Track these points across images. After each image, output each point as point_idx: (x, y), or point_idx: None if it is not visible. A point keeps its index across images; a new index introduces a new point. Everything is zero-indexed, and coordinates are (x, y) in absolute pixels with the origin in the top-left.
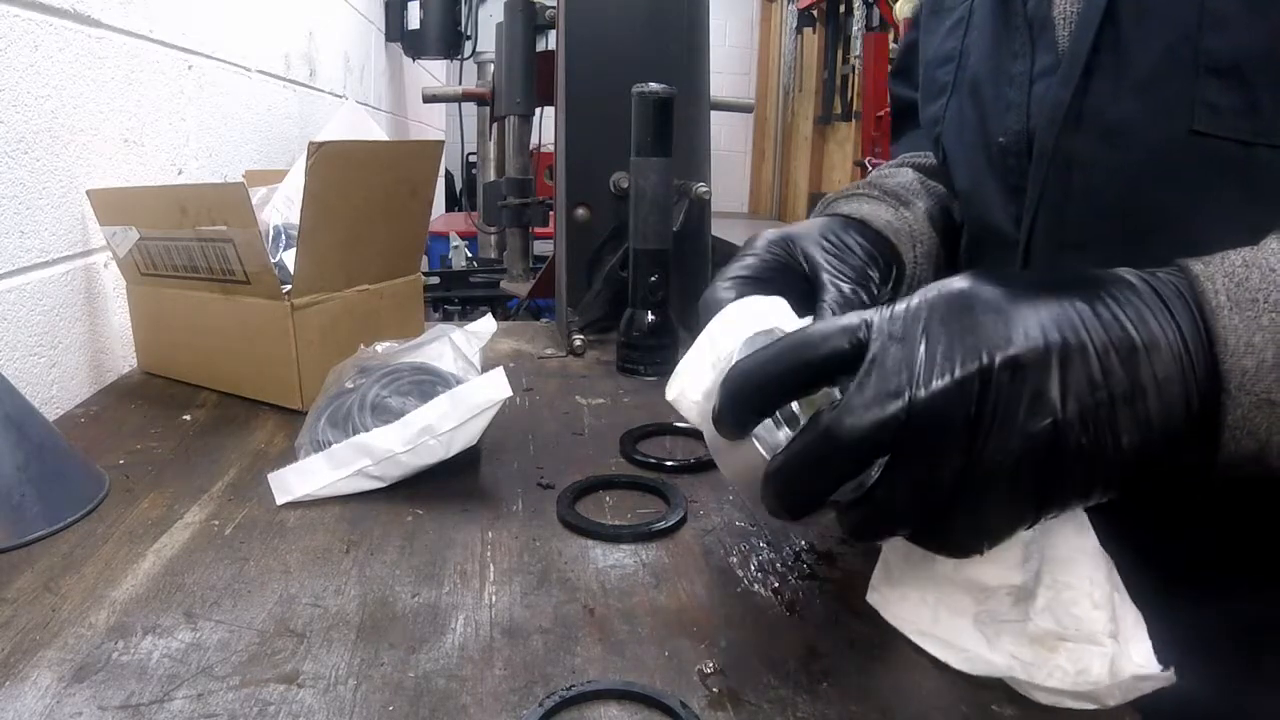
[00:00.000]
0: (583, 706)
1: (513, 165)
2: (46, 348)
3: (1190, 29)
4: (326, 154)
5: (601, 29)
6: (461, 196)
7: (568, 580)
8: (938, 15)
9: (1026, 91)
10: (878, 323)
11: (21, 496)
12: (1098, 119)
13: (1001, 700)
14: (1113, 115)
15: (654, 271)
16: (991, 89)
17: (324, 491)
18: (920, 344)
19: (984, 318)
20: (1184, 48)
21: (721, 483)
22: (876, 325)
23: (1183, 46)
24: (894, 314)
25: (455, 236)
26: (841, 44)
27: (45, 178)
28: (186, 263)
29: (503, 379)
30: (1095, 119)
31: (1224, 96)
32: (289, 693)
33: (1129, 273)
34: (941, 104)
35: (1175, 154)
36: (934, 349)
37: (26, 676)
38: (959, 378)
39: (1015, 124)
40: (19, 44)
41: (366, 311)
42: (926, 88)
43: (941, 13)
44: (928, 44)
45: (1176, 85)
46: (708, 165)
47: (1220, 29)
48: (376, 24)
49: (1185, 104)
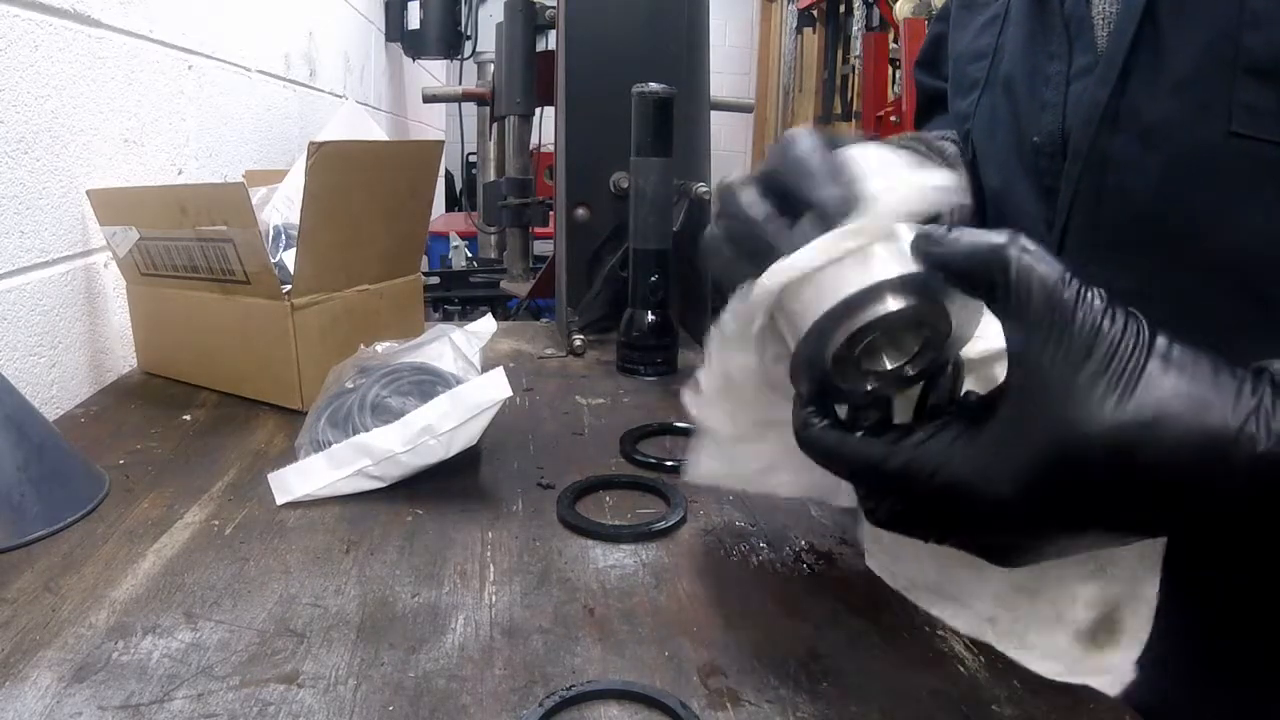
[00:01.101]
0: (583, 706)
1: (513, 165)
2: (46, 348)
3: (1230, 28)
4: (326, 154)
5: (601, 29)
6: (461, 196)
7: (568, 580)
8: (970, 10)
9: (1063, 92)
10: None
11: (21, 496)
12: (1134, 120)
13: (1002, 700)
14: (1150, 116)
15: (654, 271)
16: (1026, 88)
17: (324, 491)
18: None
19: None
20: (1223, 47)
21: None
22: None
23: (1222, 46)
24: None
25: (455, 236)
26: (841, 44)
27: (45, 178)
28: (186, 263)
29: (503, 379)
30: (1132, 120)
31: (1262, 98)
32: (289, 693)
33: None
34: (972, 100)
35: (1212, 156)
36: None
37: (26, 676)
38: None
39: (1050, 124)
40: (19, 44)
41: (366, 311)
42: (957, 82)
43: (974, 8)
44: (959, 38)
45: (1214, 86)
46: (708, 165)
47: (1260, 28)
48: (376, 24)
49: (1223, 105)
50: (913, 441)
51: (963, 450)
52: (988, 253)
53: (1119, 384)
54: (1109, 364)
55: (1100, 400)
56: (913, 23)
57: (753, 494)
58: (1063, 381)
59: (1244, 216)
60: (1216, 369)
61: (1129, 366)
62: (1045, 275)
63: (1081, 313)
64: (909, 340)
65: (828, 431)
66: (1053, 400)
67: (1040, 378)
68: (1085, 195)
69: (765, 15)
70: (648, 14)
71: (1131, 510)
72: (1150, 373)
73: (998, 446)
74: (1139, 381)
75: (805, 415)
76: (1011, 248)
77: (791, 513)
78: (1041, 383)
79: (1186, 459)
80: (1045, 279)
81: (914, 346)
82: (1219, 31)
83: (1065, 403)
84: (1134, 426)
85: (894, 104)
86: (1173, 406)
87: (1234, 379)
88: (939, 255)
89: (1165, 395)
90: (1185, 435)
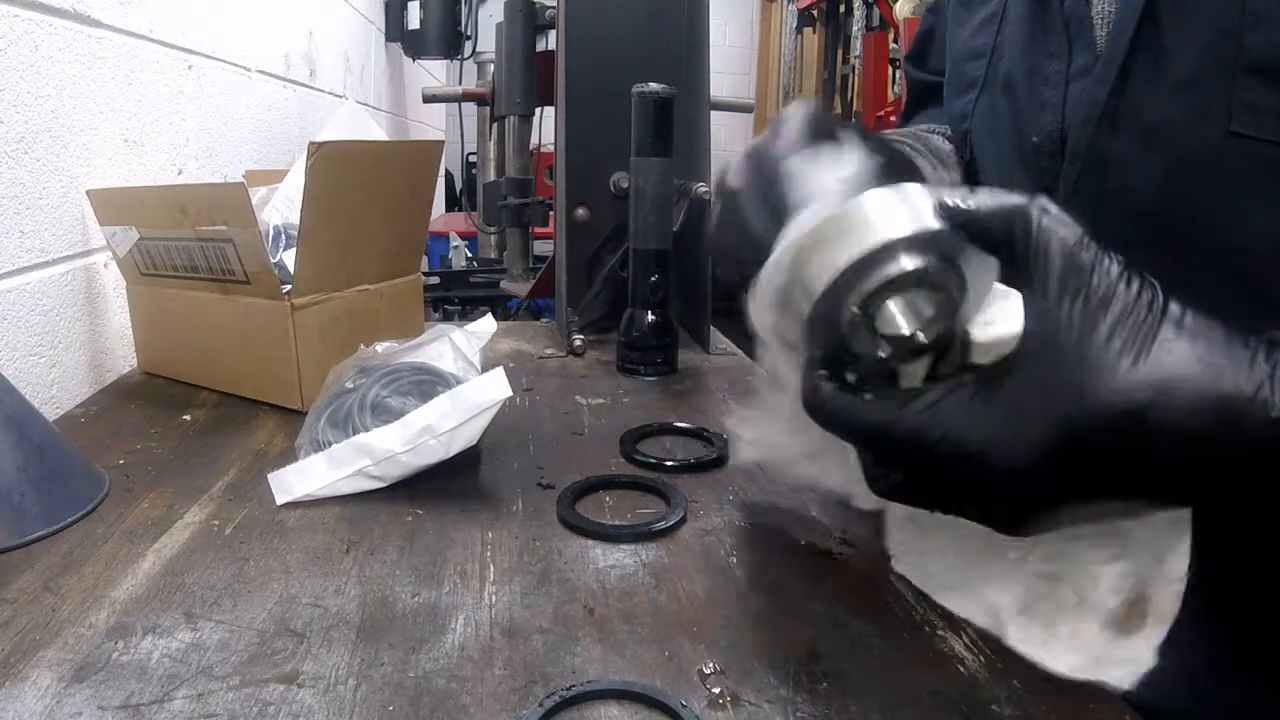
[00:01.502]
0: (583, 706)
1: (513, 165)
2: (46, 348)
3: (1232, 28)
4: (326, 154)
5: (601, 29)
6: (461, 196)
7: (568, 580)
8: (968, 7)
9: (1062, 91)
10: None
11: (21, 496)
12: (1134, 120)
13: (1002, 700)
14: (1150, 116)
15: (654, 271)
16: (1026, 87)
17: (324, 491)
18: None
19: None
20: (1224, 47)
21: (721, 482)
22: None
23: (1223, 46)
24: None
25: (455, 236)
26: (841, 44)
27: (45, 178)
28: (186, 263)
29: (503, 379)
30: (1132, 119)
31: (1264, 98)
32: (289, 693)
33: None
34: (970, 99)
35: (1213, 156)
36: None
37: (26, 676)
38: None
39: (1050, 123)
40: (19, 44)
41: (366, 311)
42: (954, 81)
43: (972, 5)
44: (956, 36)
45: (1215, 86)
46: (708, 165)
47: (1262, 28)
48: (376, 24)
49: (1224, 105)
50: (924, 403)
51: (975, 414)
52: (1011, 210)
53: (1134, 346)
54: (1125, 324)
55: (1114, 362)
56: (912, 23)
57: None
58: (1078, 343)
59: (1245, 216)
60: (1229, 337)
61: (1144, 330)
62: (1065, 236)
63: (1099, 275)
64: (922, 305)
65: (837, 395)
66: (1067, 362)
67: (1055, 339)
68: (1084, 195)
69: (765, 15)
70: (648, 14)
71: (1146, 474)
72: (1164, 337)
73: (1011, 411)
74: (1153, 345)
75: (815, 378)
76: (1033, 208)
77: (792, 513)
78: (1057, 345)
79: (1201, 423)
80: (1065, 240)
81: (927, 312)
82: (1220, 31)
83: (1080, 365)
84: (1148, 389)
85: (894, 104)
86: (1187, 370)
87: (1247, 347)
88: (962, 212)
89: (1179, 360)
90: (1199, 399)
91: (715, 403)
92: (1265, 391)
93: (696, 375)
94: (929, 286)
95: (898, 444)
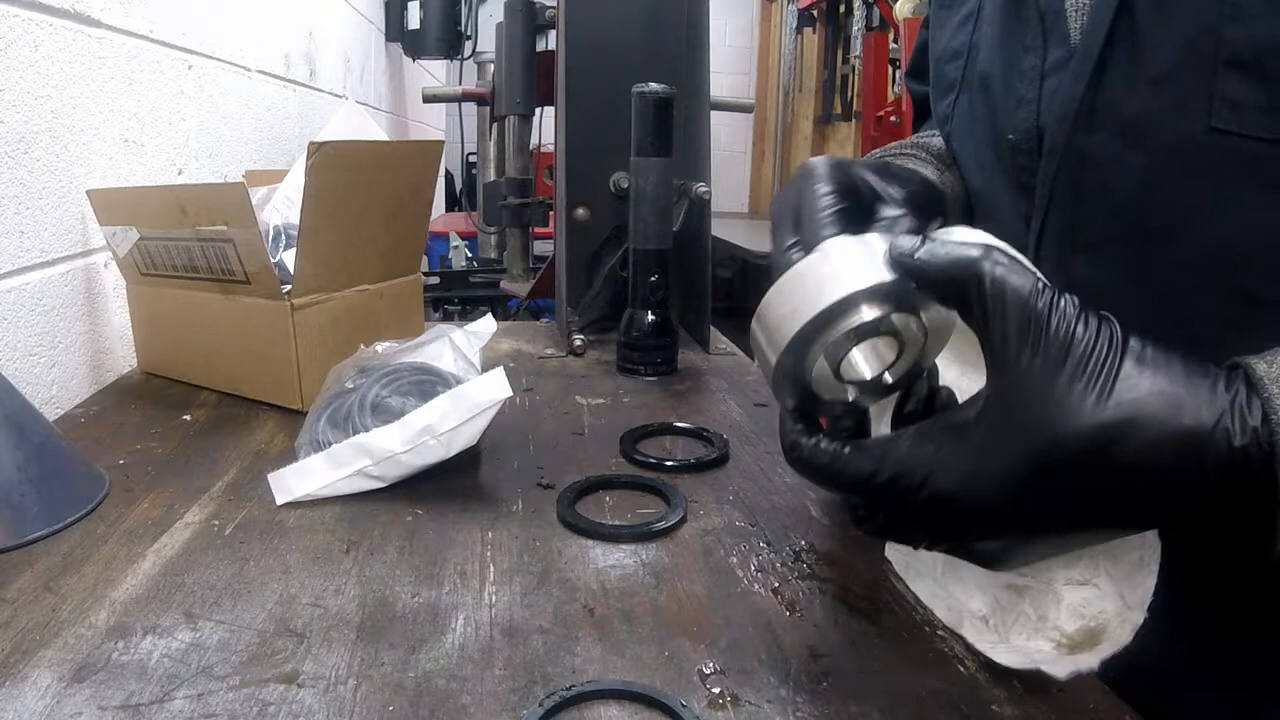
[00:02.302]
0: (583, 706)
1: (513, 165)
2: (46, 348)
3: (1210, 20)
4: (326, 154)
5: (601, 29)
6: (461, 196)
7: (568, 580)
8: (948, 9)
9: (1038, 87)
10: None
11: (21, 496)
12: (1112, 115)
13: (1001, 700)
14: (1127, 111)
15: (654, 271)
16: (1002, 84)
17: (324, 491)
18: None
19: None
20: (1203, 40)
21: (721, 482)
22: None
23: (1202, 39)
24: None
25: (455, 236)
26: (841, 44)
27: (45, 178)
28: (186, 263)
29: (503, 379)
30: (1109, 115)
31: (1244, 92)
32: (289, 693)
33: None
34: (950, 101)
35: (1192, 152)
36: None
37: (26, 676)
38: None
39: (1025, 120)
40: (19, 44)
41: (366, 311)
42: (936, 84)
43: (951, 7)
44: (937, 39)
45: (1194, 80)
46: (708, 165)
47: (1241, 20)
48: (376, 24)
49: (1203, 100)
50: (899, 452)
51: (948, 460)
52: (962, 267)
53: (1096, 385)
54: (1085, 367)
55: (1078, 402)
56: (912, 23)
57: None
58: (1041, 386)
59: (1226, 212)
60: (1189, 368)
61: (1105, 369)
62: (1019, 287)
63: (1055, 320)
64: (884, 350)
65: (818, 450)
66: (1031, 405)
67: (1019, 385)
68: (1062, 192)
69: (765, 15)
70: (648, 14)
71: (1113, 508)
72: (1126, 374)
73: (981, 454)
74: (1115, 382)
75: (794, 435)
76: (985, 261)
77: (792, 513)
78: (1020, 389)
79: (1165, 456)
80: (1019, 290)
81: (891, 355)
82: (1198, 24)
83: (1044, 406)
84: (1113, 425)
85: (894, 104)
86: (1150, 405)
87: (1207, 377)
88: (914, 267)
89: (1141, 395)
90: (1162, 433)
91: (715, 403)
92: (1226, 420)
93: (696, 375)
94: (890, 333)
95: (879, 493)
